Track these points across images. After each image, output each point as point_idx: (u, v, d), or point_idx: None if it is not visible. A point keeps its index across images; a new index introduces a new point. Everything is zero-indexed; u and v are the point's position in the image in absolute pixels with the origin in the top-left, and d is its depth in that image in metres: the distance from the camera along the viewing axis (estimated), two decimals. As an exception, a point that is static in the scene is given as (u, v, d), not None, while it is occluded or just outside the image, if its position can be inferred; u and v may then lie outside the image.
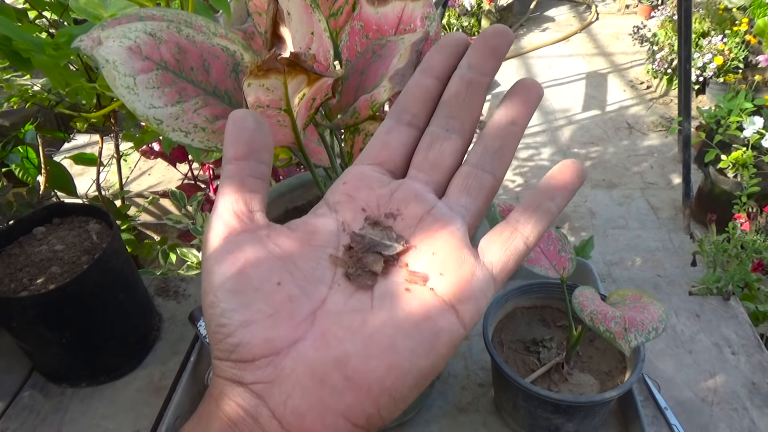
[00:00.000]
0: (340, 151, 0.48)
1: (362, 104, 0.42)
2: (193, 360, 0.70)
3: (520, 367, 0.62)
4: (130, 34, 0.38)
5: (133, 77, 0.37)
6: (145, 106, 0.38)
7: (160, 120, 0.39)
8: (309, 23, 0.42)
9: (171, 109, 0.39)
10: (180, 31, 0.40)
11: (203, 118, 0.41)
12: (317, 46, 0.43)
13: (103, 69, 0.37)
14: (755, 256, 1.03)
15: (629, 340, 0.48)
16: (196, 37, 0.41)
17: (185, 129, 0.40)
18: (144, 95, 0.38)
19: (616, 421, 0.66)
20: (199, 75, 0.41)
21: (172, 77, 0.40)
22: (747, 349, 0.75)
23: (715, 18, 2.95)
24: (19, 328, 0.66)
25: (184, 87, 0.40)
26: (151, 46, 0.38)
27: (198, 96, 0.41)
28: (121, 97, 0.37)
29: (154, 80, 0.39)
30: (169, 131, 0.39)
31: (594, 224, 2.37)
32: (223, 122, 0.41)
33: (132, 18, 0.42)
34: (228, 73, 0.42)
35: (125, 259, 0.71)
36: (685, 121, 2.18)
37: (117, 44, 0.37)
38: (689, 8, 2.07)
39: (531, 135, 3.00)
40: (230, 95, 0.43)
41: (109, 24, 0.41)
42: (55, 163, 1.12)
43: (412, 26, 0.50)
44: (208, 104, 0.41)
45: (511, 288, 0.66)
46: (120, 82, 0.37)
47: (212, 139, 0.41)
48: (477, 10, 3.85)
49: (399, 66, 0.42)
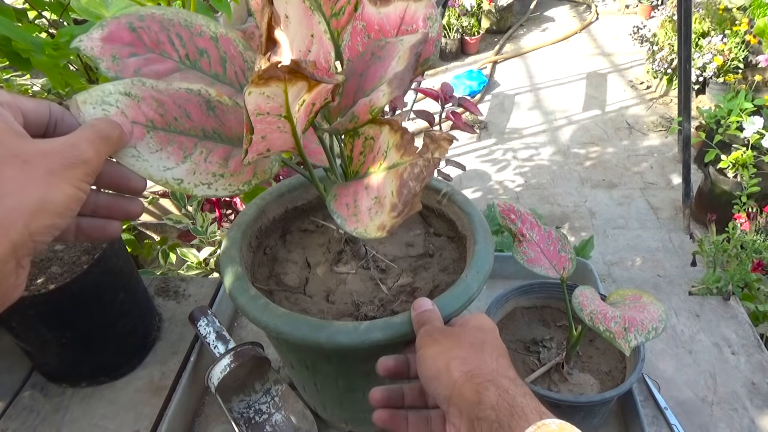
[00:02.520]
0: (340, 152, 0.48)
1: (361, 108, 0.42)
2: (193, 360, 0.70)
3: (520, 367, 0.62)
4: (109, 99, 0.36)
5: (134, 146, 0.36)
6: (160, 170, 0.37)
7: (180, 179, 0.37)
8: (309, 25, 0.42)
9: (184, 165, 0.38)
10: (144, 83, 0.38)
11: (217, 164, 0.40)
12: (317, 49, 0.42)
13: None
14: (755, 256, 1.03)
15: (629, 339, 0.48)
16: (159, 86, 0.39)
17: (206, 181, 0.39)
18: (153, 160, 0.37)
19: (616, 421, 0.66)
20: (184, 123, 0.40)
21: (165, 134, 0.38)
22: (747, 349, 0.75)
23: (715, 18, 2.95)
24: (19, 328, 0.66)
25: (180, 141, 0.39)
26: (133, 108, 0.37)
27: (196, 145, 0.40)
28: (131, 166, 0.36)
29: (153, 143, 0.37)
30: (192, 188, 0.38)
31: (594, 224, 2.37)
32: (235, 162, 0.40)
33: (132, 17, 0.42)
34: (206, 112, 0.41)
35: (125, 259, 0.71)
36: (685, 121, 2.18)
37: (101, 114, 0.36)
38: (689, 8, 2.07)
39: (531, 135, 3.00)
40: (219, 133, 0.41)
41: (108, 25, 0.41)
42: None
43: (414, 27, 0.50)
44: (210, 149, 0.40)
45: (511, 288, 0.66)
46: (123, 153, 0.36)
47: (233, 183, 0.40)
48: (477, 10, 3.85)
49: (398, 69, 0.42)
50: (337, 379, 0.55)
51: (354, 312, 0.53)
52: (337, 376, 0.55)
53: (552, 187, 2.62)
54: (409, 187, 0.38)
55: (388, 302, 0.54)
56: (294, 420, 0.66)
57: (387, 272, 0.58)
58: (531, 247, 0.57)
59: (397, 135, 0.41)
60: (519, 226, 0.58)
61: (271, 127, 0.38)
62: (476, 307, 0.81)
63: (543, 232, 0.59)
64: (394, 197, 0.39)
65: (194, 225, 1.08)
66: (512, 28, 4.12)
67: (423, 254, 0.61)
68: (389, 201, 0.39)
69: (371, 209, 0.40)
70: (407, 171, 0.39)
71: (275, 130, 0.38)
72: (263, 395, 0.67)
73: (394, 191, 0.39)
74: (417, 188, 0.38)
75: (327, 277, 0.57)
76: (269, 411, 0.67)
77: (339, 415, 0.63)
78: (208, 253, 1.07)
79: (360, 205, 0.41)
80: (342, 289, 0.56)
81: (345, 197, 0.43)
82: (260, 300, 0.49)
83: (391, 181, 0.40)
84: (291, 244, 0.62)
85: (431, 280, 0.57)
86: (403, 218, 0.38)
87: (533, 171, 2.74)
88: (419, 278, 0.57)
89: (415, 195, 0.38)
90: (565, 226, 2.38)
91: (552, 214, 2.44)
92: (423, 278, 0.58)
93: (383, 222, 0.38)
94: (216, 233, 1.08)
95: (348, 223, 0.41)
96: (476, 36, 3.84)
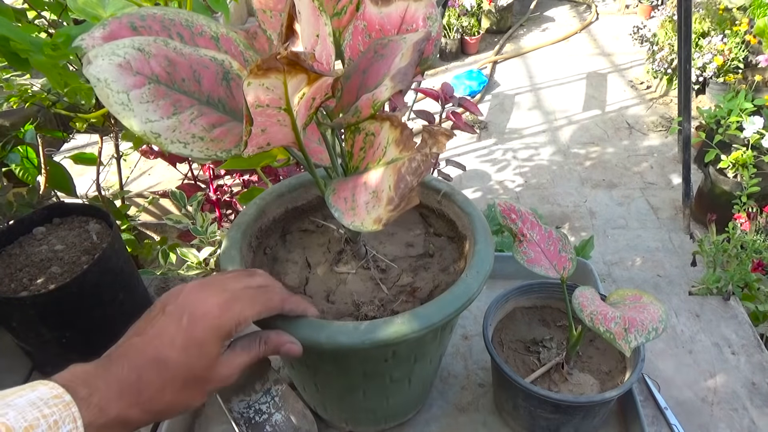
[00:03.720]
0: (341, 151, 0.48)
1: (364, 103, 0.42)
2: (193, 360, 0.70)
3: (520, 367, 0.62)
4: (119, 50, 0.37)
5: (127, 93, 0.37)
6: (142, 121, 0.38)
7: (158, 133, 0.38)
8: (315, 25, 0.42)
9: (167, 121, 0.39)
10: (167, 44, 0.40)
11: (200, 127, 0.41)
12: (321, 49, 0.43)
13: (96, 88, 0.36)
14: (755, 256, 1.03)
15: (629, 340, 0.48)
16: (183, 50, 0.41)
17: (183, 140, 0.39)
18: (139, 110, 0.38)
19: (616, 421, 0.66)
20: (191, 85, 0.41)
21: (165, 90, 0.39)
22: (747, 349, 0.75)
23: (715, 18, 2.95)
24: (19, 328, 0.66)
25: (178, 98, 0.40)
26: (140, 61, 0.38)
27: (193, 106, 0.41)
28: (117, 114, 0.37)
29: (148, 94, 0.38)
30: (168, 144, 0.39)
31: (594, 224, 2.37)
32: (220, 130, 0.42)
33: (133, 17, 0.42)
34: (219, 82, 0.42)
35: (125, 259, 0.71)
36: (685, 121, 2.18)
37: (107, 62, 0.37)
38: (689, 8, 2.07)
39: (531, 135, 3.00)
40: (224, 103, 0.43)
41: (109, 24, 0.41)
42: (55, 163, 1.12)
43: (414, 26, 0.50)
44: (203, 114, 0.41)
45: (511, 288, 0.66)
46: (114, 99, 0.37)
47: (211, 148, 0.41)
48: (477, 10, 3.85)
49: (401, 65, 0.43)
50: (338, 378, 0.55)
51: (354, 312, 0.53)
52: (337, 376, 0.55)
53: (552, 187, 2.62)
54: (406, 181, 0.39)
55: (389, 302, 0.54)
56: (294, 420, 0.66)
57: (387, 272, 0.58)
58: (531, 247, 0.57)
59: (397, 131, 0.42)
60: (519, 226, 0.58)
61: (271, 120, 0.38)
62: (476, 307, 0.81)
63: (543, 231, 0.59)
64: (391, 191, 0.39)
65: (194, 225, 1.08)
66: (512, 28, 4.12)
67: (423, 254, 0.61)
68: (386, 195, 0.40)
69: (368, 203, 0.41)
70: (405, 166, 0.39)
71: (275, 123, 0.39)
72: (263, 395, 0.67)
73: (391, 185, 0.40)
74: (414, 182, 0.38)
75: (327, 277, 0.57)
76: (269, 411, 0.67)
77: (339, 414, 0.63)
78: (208, 253, 1.07)
79: (358, 200, 0.42)
80: (342, 289, 0.55)
81: (343, 191, 0.43)
82: None
83: (389, 175, 0.40)
84: (291, 244, 0.62)
85: (431, 280, 0.57)
86: (399, 212, 0.38)
87: (533, 171, 2.74)
88: (419, 278, 0.57)
89: (411, 189, 0.38)
90: (565, 226, 2.38)
91: (552, 214, 2.44)
92: (423, 278, 0.58)
93: (379, 215, 0.39)
94: (216, 233, 1.08)
95: (345, 217, 0.41)
96: (476, 36, 3.84)
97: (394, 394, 0.58)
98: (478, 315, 0.65)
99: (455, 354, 0.75)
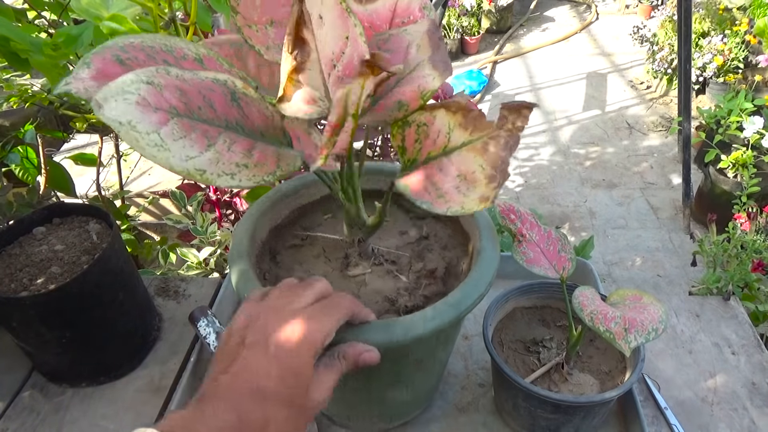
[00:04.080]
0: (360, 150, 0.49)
1: (409, 95, 0.43)
2: (193, 360, 0.70)
3: (520, 367, 0.62)
4: (130, 87, 0.35)
5: (157, 132, 0.34)
6: (182, 159, 0.35)
7: (203, 169, 0.36)
8: (344, 27, 0.41)
9: (207, 154, 0.37)
10: (168, 72, 0.37)
11: (240, 154, 0.38)
12: (351, 51, 0.42)
13: (121, 133, 0.33)
14: (755, 256, 1.03)
15: (629, 340, 0.48)
16: (185, 76, 0.38)
17: (229, 171, 0.37)
18: (175, 148, 0.35)
19: (616, 421, 0.66)
20: (207, 113, 0.39)
21: (189, 122, 0.37)
22: (747, 349, 0.75)
23: (715, 18, 2.95)
24: (19, 328, 0.66)
25: (204, 129, 0.38)
26: (155, 95, 0.36)
27: (221, 134, 0.38)
28: (153, 157, 0.34)
29: (177, 130, 0.36)
30: (215, 178, 0.36)
31: (594, 224, 2.37)
32: (258, 153, 0.40)
33: (114, 49, 0.40)
34: (229, 103, 0.40)
35: (125, 259, 0.71)
36: (685, 121, 2.18)
37: (122, 103, 0.34)
38: (689, 8, 2.07)
39: (531, 135, 3.00)
40: (241, 125, 0.41)
41: (93, 62, 0.39)
42: (55, 164, 1.12)
43: (411, 18, 0.51)
44: (234, 140, 0.39)
45: (511, 288, 0.66)
46: (145, 142, 0.34)
47: (258, 174, 0.39)
48: (477, 10, 3.85)
49: (424, 56, 0.44)
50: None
51: (390, 308, 0.54)
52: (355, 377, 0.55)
53: (552, 187, 2.62)
54: (502, 157, 0.41)
55: (414, 289, 0.55)
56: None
57: (398, 263, 0.58)
58: (531, 247, 0.57)
59: (458, 116, 0.43)
60: (519, 226, 0.58)
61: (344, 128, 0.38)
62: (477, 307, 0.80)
63: (543, 232, 0.59)
64: (487, 170, 0.41)
65: (194, 225, 1.08)
66: (512, 28, 4.13)
67: (420, 238, 0.62)
68: (483, 174, 0.41)
69: (459, 187, 0.42)
70: (493, 144, 0.41)
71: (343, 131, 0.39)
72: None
73: (484, 165, 0.41)
74: (508, 158, 0.41)
75: (344, 284, 0.56)
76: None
77: (342, 412, 0.63)
78: (208, 253, 1.07)
79: (442, 186, 0.43)
80: (366, 290, 0.55)
81: (418, 184, 0.44)
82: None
83: (474, 156, 0.42)
84: (285, 264, 0.60)
85: (440, 259, 0.59)
86: (501, 188, 0.40)
87: (533, 171, 2.74)
88: (428, 260, 0.59)
89: (507, 164, 0.41)
90: (565, 226, 2.38)
91: (552, 214, 2.44)
92: (431, 259, 0.59)
93: (483, 194, 0.41)
94: (216, 233, 1.08)
95: (437, 205, 0.42)
96: (476, 36, 3.84)
97: (421, 382, 0.60)
98: (478, 315, 0.65)
99: (455, 354, 0.75)
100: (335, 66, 0.42)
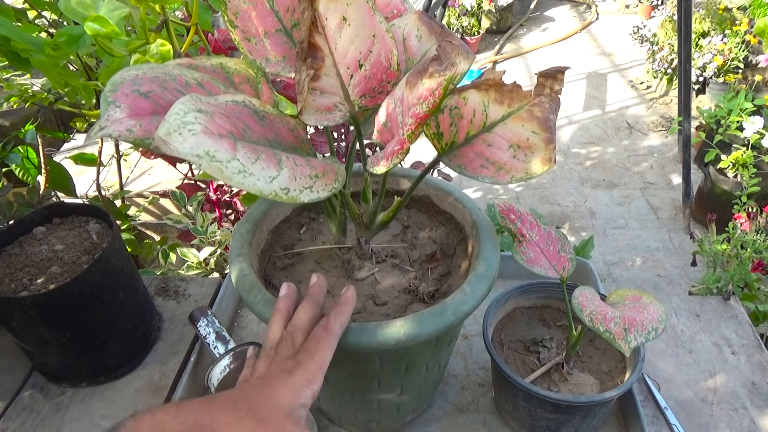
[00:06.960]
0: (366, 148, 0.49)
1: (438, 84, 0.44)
2: (193, 360, 0.70)
3: (520, 367, 0.62)
4: (186, 118, 0.32)
5: (236, 158, 0.33)
6: (266, 181, 0.34)
7: (286, 188, 0.35)
8: (371, 26, 0.41)
9: (285, 172, 0.35)
10: (200, 99, 0.35)
11: (307, 167, 0.38)
12: (378, 48, 0.42)
13: (202, 166, 0.32)
14: (755, 256, 1.03)
15: (629, 340, 0.48)
16: (211, 101, 0.36)
17: (308, 185, 0.36)
18: (257, 171, 0.34)
19: (616, 420, 0.66)
20: (251, 134, 0.37)
21: (250, 144, 0.35)
22: (747, 349, 0.75)
23: (715, 18, 2.95)
24: (19, 328, 0.66)
25: (261, 149, 0.36)
26: (211, 122, 0.34)
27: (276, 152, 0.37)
28: (240, 184, 0.33)
29: (249, 153, 0.34)
30: (298, 194, 0.35)
31: (594, 224, 2.37)
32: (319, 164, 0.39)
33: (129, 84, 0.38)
34: (260, 122, 0.39)
35: (125, 259, 0.71)
36: (685, 121, 2.18)
37: (189, 135, 0.32)
38: (689, 8, 2.07)
39: (531, 135, 3.00)
40: (278, 142, 0.40)
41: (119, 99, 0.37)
42: (55, 163, 1.12)
43: (396, 12, 0.52)
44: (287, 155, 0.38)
45: (511, 288, 0.66)
46: (230, 170, 0.32)
47: (328, 183, 0.38)
48: (477, 10, 3.85)
49: (429, 44, 0.47)
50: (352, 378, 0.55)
51: (413, 298, 0.54)
52: (352, 375, 0.55)
53: (552, 187, 2.62)
54: (550, 120, 0.43)
55: (424, 275, 0.56)
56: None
57: (398, 256, 0.59)
58: (531, 247, 0.57)
59: (491, 92, 0.44)
60: (519, 226, 0.58)
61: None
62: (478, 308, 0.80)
63: (543, 232, 0.59)
64: (542, 134, 0.43)
65: (194, 225, 1.08)
66: (512, 28, 4.12)
67: (403, 228, 0.63)
68: (539, 138, 0.43)
69: (516, 156, 0.44)
70: (538, 109, 0.43)
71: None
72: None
73: (536, 130, 0.43)
74: (555, 119, 0.43)
75: (357, 288, 0.55)
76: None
77: (341, 412, 0.63)
78: (208, 253, 1.07)
79: (498, 159, 0.45)
80: (380, 288, 0.55)
81: (473, 162, 0.46)
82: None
83: (523, 125, 0.43)
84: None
85: (431, 243, 0.60)
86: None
87: (533, 171, 2.73)
88: (422, 246, 0.60)
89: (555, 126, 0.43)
90: (565, 226, 2.38)
91: (552, 214, 2.44)
92: (425, 244, 0.60)
93: (545, 156, 0.43)
94: (216, 233, 1.08)
95: (500, 176, 0.44)
96: (476, 36, 3.83)
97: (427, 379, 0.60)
98: (478, 315, 0.65)
99: (455, 354, 0.75)
100: (361, 66, 0.43)
